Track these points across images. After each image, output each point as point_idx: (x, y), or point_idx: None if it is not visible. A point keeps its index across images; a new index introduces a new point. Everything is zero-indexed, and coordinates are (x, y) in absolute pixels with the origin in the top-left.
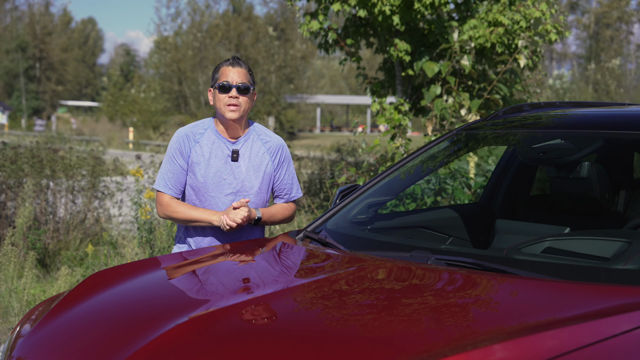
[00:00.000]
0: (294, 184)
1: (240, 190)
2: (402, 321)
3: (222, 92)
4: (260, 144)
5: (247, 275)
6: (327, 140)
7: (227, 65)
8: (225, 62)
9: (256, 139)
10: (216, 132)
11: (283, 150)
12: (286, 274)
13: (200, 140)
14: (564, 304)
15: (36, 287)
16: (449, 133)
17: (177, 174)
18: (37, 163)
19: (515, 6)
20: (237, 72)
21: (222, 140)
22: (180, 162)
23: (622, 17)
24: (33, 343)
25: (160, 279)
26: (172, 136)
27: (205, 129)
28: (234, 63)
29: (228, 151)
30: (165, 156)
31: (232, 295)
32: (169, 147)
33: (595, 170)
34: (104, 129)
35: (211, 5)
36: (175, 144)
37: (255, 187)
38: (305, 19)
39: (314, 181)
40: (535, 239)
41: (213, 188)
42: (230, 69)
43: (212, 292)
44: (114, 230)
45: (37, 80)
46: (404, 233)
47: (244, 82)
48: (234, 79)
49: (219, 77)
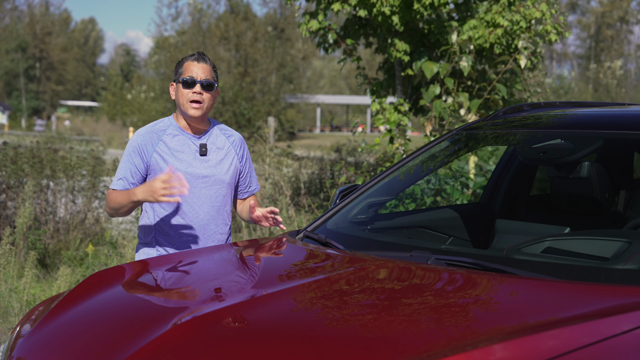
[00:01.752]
0: (254, 177)
1: (213, 184)
2: (402, 321)
3: (185, 87)
4: (224, 138)
5: (247, 275)
6: (327, 140)
7: (192, 61)
8: (190, 57)
9: (219, 133)
10: (179, 128)
11: (244, 144)
12: (286, 273)
13: (164, 137)
14: (564, 304)
15: (36, 287)
16: (449, 133)
17: (129, 172)
18: (37, 163)
19: (515, 6)
20: (201, 68)
21: (186, 135)
22: (136, 160)
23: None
24: (33, 343)
25: (161, 279)
26: (132, 136)
27: (167, 125)
28: (199, 58)
29: (195, 146)
30: (122, 155)
31: (232, 295)
32: (127, 146)
33: (595, 170)
34: (104, 129)
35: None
36: (134, 142)
37: (227, 180)
38: (304, 18)
39: (314, 181)
40: (535, 239)
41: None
42: (195, 64)
43: (212, 292)
44: (114, 230)
45: (37, 80)
46: (404, 233)
47: (208, 79)
48: (198, 74)
49: (182, 71)
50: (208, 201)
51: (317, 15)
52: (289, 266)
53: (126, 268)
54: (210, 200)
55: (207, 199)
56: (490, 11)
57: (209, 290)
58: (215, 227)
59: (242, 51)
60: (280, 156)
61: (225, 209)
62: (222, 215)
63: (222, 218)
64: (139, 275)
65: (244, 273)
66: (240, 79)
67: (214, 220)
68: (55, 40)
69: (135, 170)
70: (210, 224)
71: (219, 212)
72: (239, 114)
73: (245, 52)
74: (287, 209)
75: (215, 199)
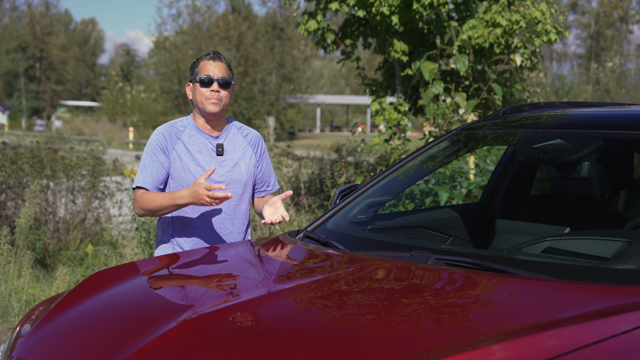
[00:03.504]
0: (272, 176)
1: (230, 184)
2: (402, 321)
3: (203, 86)
4: (241, 137)
5: (247, 275)
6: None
7: (208, 60)
8: (206, 57)
9: (236, 132)
10: (197, 127)
11: (261, 142)
12: (286, 273)
13: (182, 136)
14: (564, 304)
15: (36, 287)
16: (448, 133)
17: (156, 170)
18: (37, 163)
19: (514, 6)
20: (217, 67)
21: (204, 135)
22: (161, 158)
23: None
24: (33, 343)
25: (161, 278)
26: (152, 134)
27: (185, 125)
28: (214, 57)
29: (212, 146)
30: (144, 153)
31: (231, 295)
32: (148, 144)
33: (595, 170)
34: (104, 129)
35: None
36: (156, 140)
37: (244, 179)
38: (303, 18)
39: (314, 181)
40: (535, 239)
41: None
42: (210, 62)
43: (212, 292)
44: (114, 230)
45: (37, 80)
46: (404, 233)
47: (224, 77)
48: (215, 73)
49: (199, 71)
50: (225, 201)
51: (315, 16)
52: (289, 266)
53: (126, 268)
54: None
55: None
56: (489, 11)
57: (209, 290)
58: (232, 226)
59: (243, 51)
60: (280, 156)
61: (242, 208)
62: (239, 214)
63: (239, 217)
64: (138, 275)
65: (244, 273)
66: (240, 79)
67: (230, 219)
68: (55, 40)
69: (161, 168)
70: (227, 223)
71: (235, 211)
72: (238, 114)
73: (245, 52)
74: (287, 209)
75: (232, 199)
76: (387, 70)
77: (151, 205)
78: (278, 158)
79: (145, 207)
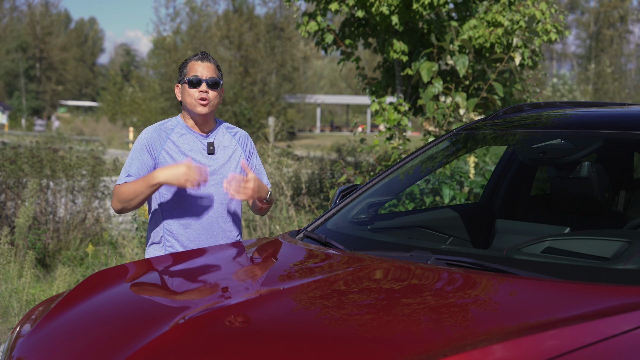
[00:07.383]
0: (263, 174)
1: (220, 183)
2: (402, 321)
3: (191, 87)
4: (230, 136)
5: (247, 275)
6: (327, 140)
7: (196, 60)
8: (194, 57)
9: (225, 132)
10: (186, 127)
11: (250, 140)
12: (286, 273)
13: (171, 136)
14: (564, 304)
15: (36, 287)
16: (448, 133)
17: (137, 169)
18: (37, 163)
19: (515, 6)
20: (206, 67)
21: (194, 134)
22: (145, 158)
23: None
24: (33, 343)
25: (161, 278)
26: (140, 133)
27: (175, 125)
28: (202, 58)
29: (203, 145)
30: (130, 153)
31: (231, 295)
32: (134, 144)
33: (595, 170)
34: (104, 129)
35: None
36: (142, 140)
37: None
38: (303, 19)
39: (314, 181)
40: (535, 239)
41: None
42: (199, 63)
43: (212, 292)
44: (114, 230)
45: (37, 80)
46: (404, 233)
47: (213, 77)
48: (203, 73)
49: (187, 72)
50: (216, 199)
51: (315, 17)
52: (289, 266)
53: (126, 268)
54: (218, 198)
55: (215, 197)
56: (490, 11)
57: (208, 290)
58: (224, 225)
59: (243, 51)
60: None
61: (234, 207)
62: (231, 214)
63: (231, 216)
64: (138, 275)
65: (244, 273)
66: (240, 79)
67: (222, 218)
68: (55, 40)
69: (143, 167)
70: (219, 222)
71: (227, 211)
72: (239, 114)
73: (246, 52)
74: (287, 209)
75: (223, 197)
76: (386, 70)
77: (125, 195)
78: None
79: (121, 198)
